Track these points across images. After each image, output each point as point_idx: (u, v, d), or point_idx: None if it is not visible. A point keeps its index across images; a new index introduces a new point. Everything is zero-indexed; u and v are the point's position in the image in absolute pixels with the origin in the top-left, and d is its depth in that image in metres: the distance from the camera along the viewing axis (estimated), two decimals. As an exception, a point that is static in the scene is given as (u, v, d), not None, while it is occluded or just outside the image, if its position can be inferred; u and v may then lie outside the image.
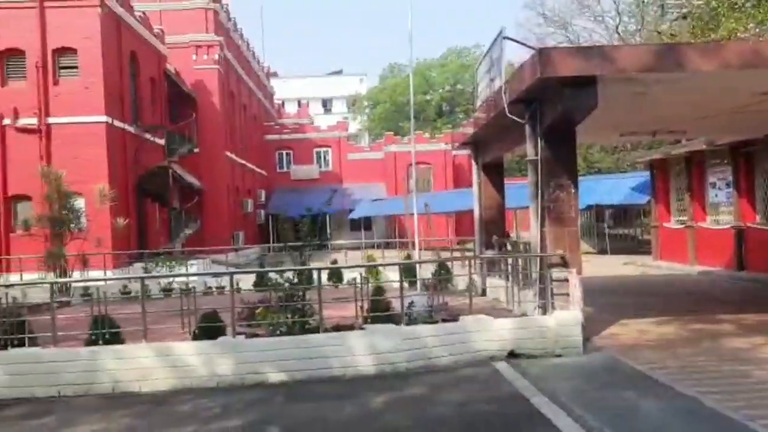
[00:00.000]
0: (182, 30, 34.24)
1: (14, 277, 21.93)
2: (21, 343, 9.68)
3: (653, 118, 13.34)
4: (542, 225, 10.73)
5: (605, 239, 32.44)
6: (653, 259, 24.85)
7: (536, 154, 10.65)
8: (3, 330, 10.06)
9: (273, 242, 40.05)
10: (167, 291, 18.33)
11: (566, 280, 10.32)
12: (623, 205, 32.80)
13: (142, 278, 10.28)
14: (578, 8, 46.38)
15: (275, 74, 64.86)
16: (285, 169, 50.26)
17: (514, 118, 10.69)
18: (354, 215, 43.22)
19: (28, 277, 20.70)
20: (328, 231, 44.39)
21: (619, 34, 43.49)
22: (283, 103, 64.22)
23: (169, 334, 10.37)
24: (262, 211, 45.36)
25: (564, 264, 10.42)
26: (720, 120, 13.44)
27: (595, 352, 9.71)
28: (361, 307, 10.54)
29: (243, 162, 41.21)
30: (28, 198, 23.37)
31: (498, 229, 16.33)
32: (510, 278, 12.68)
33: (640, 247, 30.68)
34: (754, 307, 13.22)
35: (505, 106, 10.60)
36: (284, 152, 50.61)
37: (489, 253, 15.39)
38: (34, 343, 9.74)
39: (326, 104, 77.66)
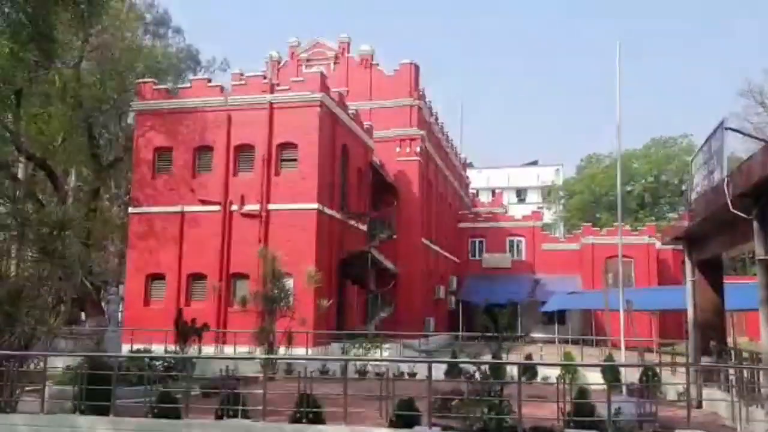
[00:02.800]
0: (388, 125, 36.59)
1: (228, 349, 24.05)
2: (234, 414, 10.46)
3: None
4: (776, 334, 9.49)
5: None
6: None
7: (767, 254, 9.57)
8: (220, 400, 11.01)
9: (462, 330, 39.74)
10: (362, 373, 18.87)
11: (808, 401, 8.93)
12: None
13: (346, 360, 10.70)
14: (804, 94, 42.29)
15: (471, 164, 66.40)
16: (477, 257, 50.27)
17: (739, 213, 9.78)
18: (548, 308, 41.53)
19: (240, 350, 22.56)
20: (520, 322, 43.11)
21: None
22: (477, 192, 65.13)
23: (366, 417, 10.58)
24: (453, 298, 45.44)
25: (804, 381, 9.05)
26: None
27: None
28: (563, 410, 9.94)
29: (437, 248, 42.04)
30: (246, 276, 25.74)
31: (716, 333, 14.74)
32: (734, 391, 11.24)
33: None
34: None
35: (728, 200, 9.77)
36: (477, 240, 50.81)
37: (706, 360, 13.85)
38: (245, 414, 10.47)
39: (520, 194, 77.43)
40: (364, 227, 32.00)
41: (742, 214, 9.82)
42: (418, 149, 37.17)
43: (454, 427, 9.83)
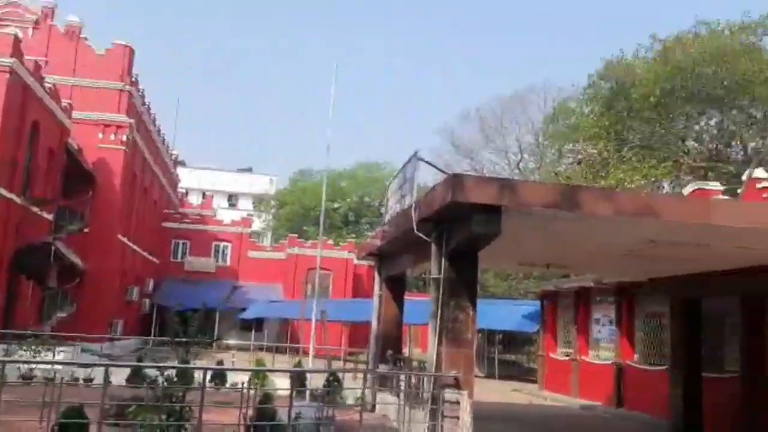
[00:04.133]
0: (93, 107, 33.44)
1: None
2: None
3: (549, 251, 13.96)
4: (439, 344, 10.68)
5: (494, 364, 32.86)
6: (539, 388, 25.27)
7: (439, 273, 10.76)
8: None
9: (155, 335, 37.74)
10: (28, 378, 16.60)
11: (458, 403, 10.18)
12: (513, 331, 33.63)
13: (3, 363, 9.24)
14: (484, 141, 49.90)
15: (182, 163, 63.97)
16: (179, 259, 48.41)
17: (422, 235, 10.85)
18: (246, 315, 41.73)
19: None
20: (216, 329, 42.47)
21: (519, 169, 46.70)
22: (186, 193, 63.00)
23: (23, 427, 9.30)
24: (148, 300, 42.96)
25: (457, 386, 10.32)
26: (610, 260, 14.26)
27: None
28: (245, 415, 9.88)
29: (135, 247, 39.40)
30: None
31: (394, 343, 16.14)
32: (402, 396, 12.38)
33: (527, 375, 31.26)
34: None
35: (414, 224, 10.77)
36: (181, 242, 48.96)
37: (383, 368, 15.08)
38: None
39: (232, 199, 76.93)
40: (50, 216, 28.55)
41: (424, 237, 10.92)
42: (124, 138, 34.61)
43: (129, 435, 9.12)
